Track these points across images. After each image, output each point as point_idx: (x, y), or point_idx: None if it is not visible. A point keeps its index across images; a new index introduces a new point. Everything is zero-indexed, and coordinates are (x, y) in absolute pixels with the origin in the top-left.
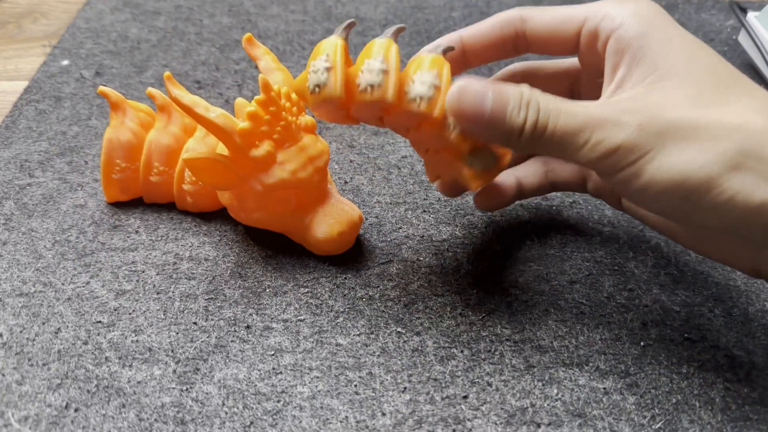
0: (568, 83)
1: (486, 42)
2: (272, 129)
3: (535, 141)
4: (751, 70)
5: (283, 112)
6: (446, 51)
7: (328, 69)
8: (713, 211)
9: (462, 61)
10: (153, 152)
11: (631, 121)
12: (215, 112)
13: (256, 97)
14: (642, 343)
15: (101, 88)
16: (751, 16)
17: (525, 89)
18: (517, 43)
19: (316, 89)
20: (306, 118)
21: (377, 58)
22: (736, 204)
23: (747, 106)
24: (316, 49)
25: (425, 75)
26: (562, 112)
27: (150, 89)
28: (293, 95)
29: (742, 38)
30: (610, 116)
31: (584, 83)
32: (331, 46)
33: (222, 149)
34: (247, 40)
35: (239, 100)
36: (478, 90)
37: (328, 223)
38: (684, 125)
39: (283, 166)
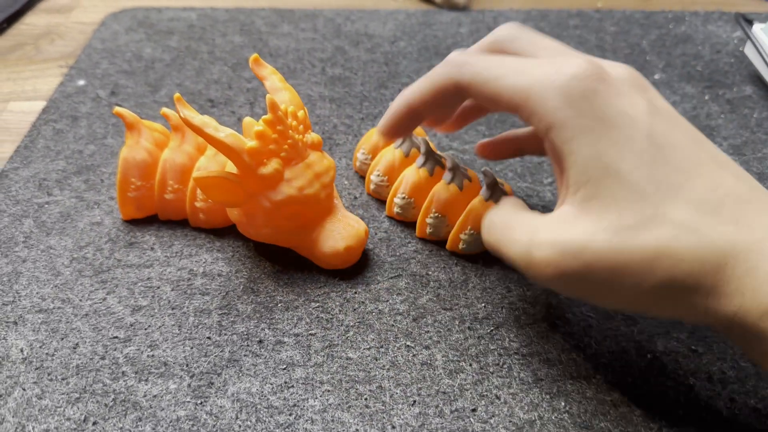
0: None
1: (435, 105)
2: (280, 147)
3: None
4: (757, 81)
5: (290, 131)
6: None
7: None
8: (656, 316)
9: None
10: (168, 171)
11: (554, 260)
12: (224, 132)
13: (263, 117)
14: (649, 356)
15: (117, 109)
16: (757, 28)
17: (489, 217)
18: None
19: None
20: (312, 136)
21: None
22: (675, 317)
23: (668, 222)
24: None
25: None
26: (500, 243)
27: (164, 109)
28: (299, 113)
29: (748, 50)
30: (540, 256)
31: None
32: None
33: (231, 167)
34: (254, 60)
35: (247, 120)
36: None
37: (335, 238)
38: (605, 261)
39: (290, 183)
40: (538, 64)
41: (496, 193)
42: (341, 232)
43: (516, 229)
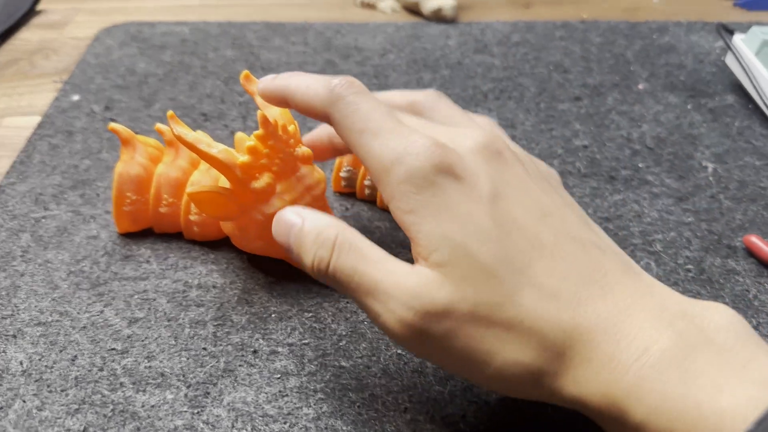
0: None
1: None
2: (271, 162)
3: (335, 280)
4: (738, 90)
5: (281, 145)
6: None
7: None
8: (507, 393)
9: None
10: (162, 185)
11: (416, 321)
12: (217, 148)
13: (255, 132)
14: None
15: (112, 125)
16: (737, 39)
17: (334, 234)
18: None
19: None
20: (303, 150)
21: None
22: (525, 397)
23: (517, 306)
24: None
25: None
26: (358, 273)
27: (159, 125)
28: (290, 128)
29: (729, 60)
30: (394, 306)
31: None
32: None
33: (224, 182)
34: (245, 77)
35: (239, 135)
36: (288, 222)
37: None
38: (464, 331)
39: (282, 196)
40: (400, 135)
41: None
42: None
43: (379, 268)
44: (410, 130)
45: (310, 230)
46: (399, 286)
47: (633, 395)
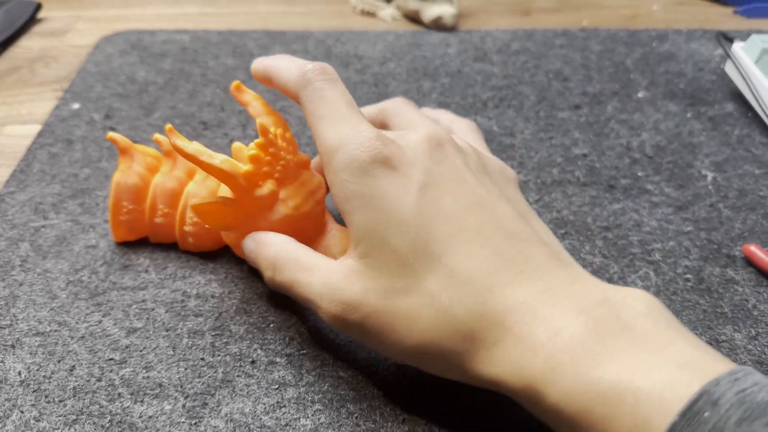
0: None
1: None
2: (273, 169)
3: (285, 292)
4: (738, 98)
5: (282, 152)
6: None
7: None
8: (428, 371)
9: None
10: (158, 195)
11: (340, 311)
12: (219, 159)
13: (255, 141)
14: None
15: (110, 134)
16: (737, 47)
17: (274, 253)
18: None
19: None
20: (301, 156)
21: None
22: (444, 375)
23: (423, 291)
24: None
25: None
26: (296, 283)
27: (156, 135)
28: (287, 135)
29: (729, 68)
30: (321, 302)
31: None
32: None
33: (222, 191)
34: (236, 87)
35: (236, 144)
36: (246, 248)
37: (335, 251)
38: (376, 318)
39: (286, 202)
40: (350, 124)
41: None
42: (338, 245)
43: (312, 273)
44: (361, 121)
45: (260, 252)
46: (325, 284)
47: (546, 377)
